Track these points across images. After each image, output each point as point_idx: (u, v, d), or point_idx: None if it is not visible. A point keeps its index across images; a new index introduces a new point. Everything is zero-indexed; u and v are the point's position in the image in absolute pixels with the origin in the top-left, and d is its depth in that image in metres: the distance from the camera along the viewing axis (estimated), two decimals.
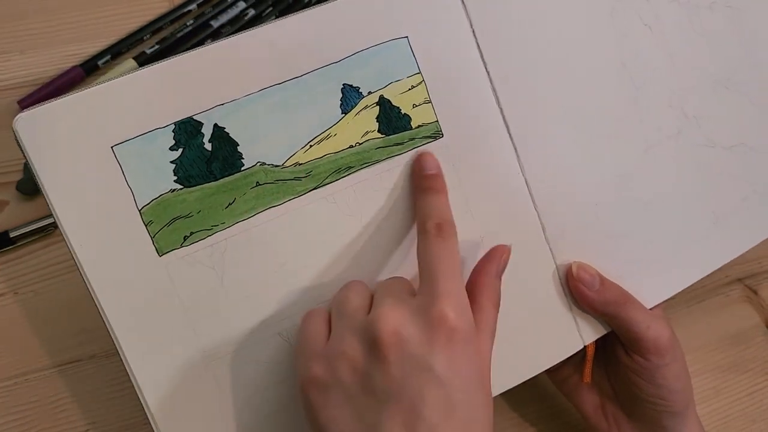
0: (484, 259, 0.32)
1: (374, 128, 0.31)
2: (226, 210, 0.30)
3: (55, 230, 0.43)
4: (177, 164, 0.29)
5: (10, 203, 0.43)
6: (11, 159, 0.44)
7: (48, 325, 0.40)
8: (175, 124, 0.29)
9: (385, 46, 0.31)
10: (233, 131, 0.30)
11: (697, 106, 0.37)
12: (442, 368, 0.25)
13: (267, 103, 0.30)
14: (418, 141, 0.32)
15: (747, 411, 0.44)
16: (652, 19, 0.36)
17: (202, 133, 0.29)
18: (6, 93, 0.47)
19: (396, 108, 0.32)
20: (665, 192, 0.37)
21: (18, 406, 0.38)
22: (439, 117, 0.32)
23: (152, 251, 0.29)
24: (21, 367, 0.39)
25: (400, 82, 0.32)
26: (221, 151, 0.30)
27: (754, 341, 0.46)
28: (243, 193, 0.30)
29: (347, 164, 0.31)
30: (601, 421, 0.38)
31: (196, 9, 0.51)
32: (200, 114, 0.29)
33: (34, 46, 0.48)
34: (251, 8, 0.52)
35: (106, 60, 0.48)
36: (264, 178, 0.30)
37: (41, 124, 0.27)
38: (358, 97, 0.31)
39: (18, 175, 0.44)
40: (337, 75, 0.31)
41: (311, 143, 0.31)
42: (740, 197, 0.39)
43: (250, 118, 0.30)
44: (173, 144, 0.29)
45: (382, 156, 0.31)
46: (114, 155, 0.28)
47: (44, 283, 0.41)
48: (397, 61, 0.31)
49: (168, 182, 0.29)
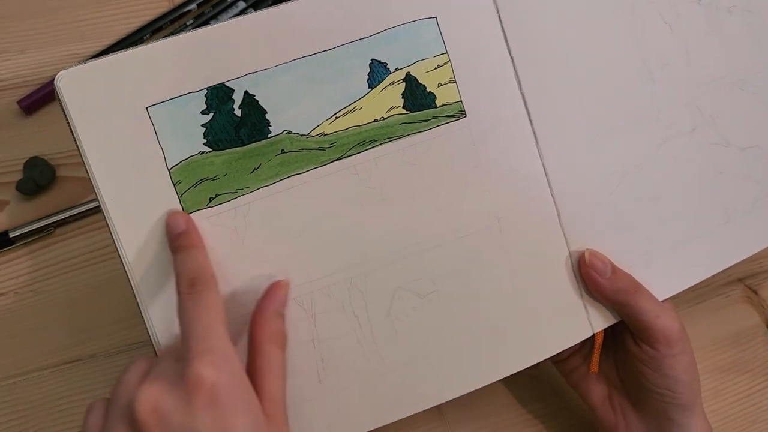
0: (262, 297, 0.31)
1: (399, 104, 0.32)
2: (251, 175, 0.31)
3: (54, 230, 0.43)
4: (207, 128, 0.30)
5: (10, 203, 0.43)
6: (11, 159, 0.44)
7: (48, 325, 0.40)
8: (208, 89, 0.30)
9: (414, 25, 0.32)
10: (263, 99, 0.31)
11: (713, 105, 0.38)
12: (210, 430, 0.24)
13: (296, 73, 0.31)
14: (441, 119, 0.33)
15: (747, 411, 0.44)
16: (672, 18, 0.37)
17: (233, 99, 0.30)
18: (6, 93, 0.46)
19: (422, 86, 0.32)
20: (678, 187, 0.37)
21: (17, 405, 0.38)
22: (463, 97, 0.33)
23: (178, 209, 0.30)
24: (20, 366, 0.39)
25: (426, 60, 0.32)
26: (250, 118, 0.31)
27: (755, 341, 0.46)
28: (268, 160, 0.31)
29: (371, 137, 0.32)
30: (608, 412, 0.38)
31: (195, 9, 0.51)
32: (232, 81, 0.30)
33: (35, 45, 0.48)
34: (251, 8, 0.52)
35: None
36: (289, 146, 0.31)
37: (82, 82, 0.29)
38: (386, 73, 0.32)
39: (18, 175, 0.44)
40: (366, 50, 0.31)
41: (337, 115, 0.31)
42: (752, 199, 0.39)
43: (280, 87, 0.31)
44: (205, 108, 0.30)
45: (405, 131, 0.32)
46: (148, 115, 0.29)
47: (44, 283, 0.41)
48: (425, 41, 0.32)
49: (198, 145, 0.30)
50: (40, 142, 0.45)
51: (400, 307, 0.33)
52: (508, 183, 0.34)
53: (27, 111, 0.46)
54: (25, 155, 0.44)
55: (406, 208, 0.32)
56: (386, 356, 0.33)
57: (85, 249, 0.42)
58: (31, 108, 0.46)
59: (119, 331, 0.40)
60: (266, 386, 0.28)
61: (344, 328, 0.32)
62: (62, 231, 0.43)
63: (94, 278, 0.42)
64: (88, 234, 0.43)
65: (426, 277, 0.33)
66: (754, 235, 0.39)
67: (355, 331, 0.32)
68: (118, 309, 0.41)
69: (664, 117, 0.37)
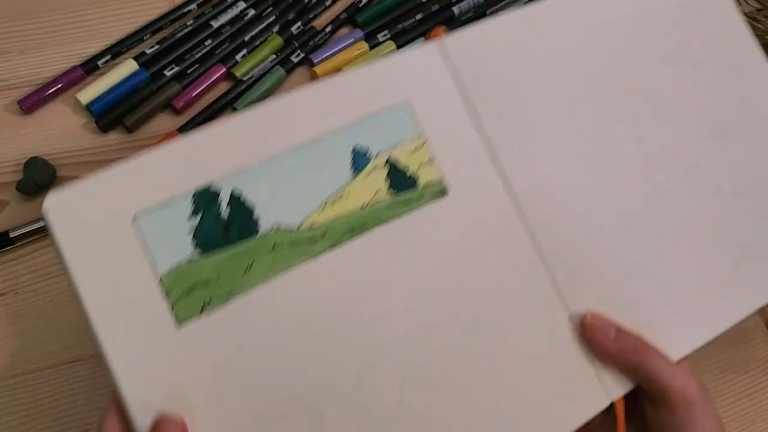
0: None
1: (384, 187, 0.32)
2: (245, 275, 0.30)
3: None
4: (195, 231, 0.30)
5: (11, 203, 0.43)
6: (11, 159, 0.44)
7: (48, 325, 0.40)
8: (194, 194, 0.30)
9: (389, 111, 0.33)
10: (249, 197, 0.30)
11: (699, 152, 0.37)
12: None
13: (281, 168, 0.31)
14: (426, 198, 0.33)
15: (747, 411, 0.44)
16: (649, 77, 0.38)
17: (220, 201, 0.30)
18: (6, 93, 0.47)
19: (403, 169, 0.33)
20: (677, 238, 0.36)
21: (18, 405, 0.38)
22: (444, 175, 0.33)
23: (171, 322, 0.29)
24: (21, 366, 0.39)
25: (405, 143, 0.33)
26: (238, 217, 0.30)
27: (755, 341, 0.46)
28: (261, 257, 0.30)
29: (361, 223, 0.31)
30: None
31: (196, 9, 0.51)
32: (218, 182, 0.30)
33: (35, 46, 0.48)
34: (251, 8, 0.52)
35: (106, 60, 0.48)
36: (281, 240, 0.30)
37: (68, 204, 0.29)
38: (368, 159, 0.32)
39: (18, 175, 0.44)
40: (347, 138, 0.32)
41: (325, 204, 0.31)
42: (760, 240, 0.37)
43: (265, 183, 0.30)
44: (192, 212, 0.30)
45: (392, 215, 0.32)
46: (134, 227, 0.29)
47: (44, 282, 0.41)
48: (401, 125, 0.33)
49: (187, 250, 0.29)
50: (40, 142, 0.45)
51: (412, 396, 0.31)
52: (497, 255, 0.33)
53: (27, 111, 0.46)
54: (25, 155, 0.44)
55: (404, 289, 0.32)
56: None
57: None
58: (31, 108, 0.46)
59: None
60: None
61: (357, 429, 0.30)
62: None
63: None
64: None
65: (433, 363, 0.31)
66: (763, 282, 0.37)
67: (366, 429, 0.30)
68: None
69: (651, 166, 0.36)
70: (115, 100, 0.47)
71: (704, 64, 0.39)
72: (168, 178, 0.30)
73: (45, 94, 0.46)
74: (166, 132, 0.47)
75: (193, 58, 0.49)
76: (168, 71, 0.48)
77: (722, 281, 0.36)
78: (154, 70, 0.48)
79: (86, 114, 0.47)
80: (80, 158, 0.45)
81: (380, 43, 0.53)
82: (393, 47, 0.52)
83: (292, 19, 0.52)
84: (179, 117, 0.48)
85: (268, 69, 0.50)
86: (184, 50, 0.49)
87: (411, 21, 0.54)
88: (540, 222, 0.34)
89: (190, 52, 0.49)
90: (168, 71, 0.48)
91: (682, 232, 0.36)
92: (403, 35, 0.53)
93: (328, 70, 0.51)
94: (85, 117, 0.47)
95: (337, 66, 0.51)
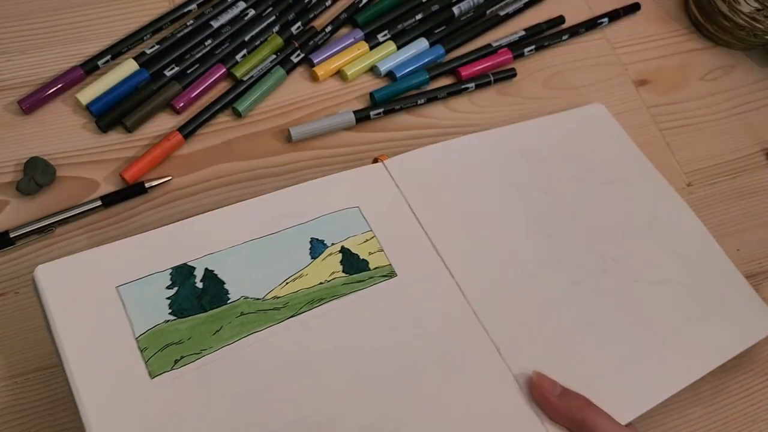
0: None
1: (339, 269, 0.38)
2: (214, 336, 0.34)
3: (55, 230, 0.43)
4: (172, 300, 0.34)
5: (10, 203, 0.43)
6: (12, 159, 0.44)
7: None
8: (172, 269, 0.35)
9: (342, 212, 0.39)
10: (221, 273, 0.35)
11: (614, 250, 0.43)
12: None
13: (249, 251, 0.36)
14: (376, 279, 0.38)
15: (746, 411, 0.44)
16: (550, 190, 0.45)
17: (194, 275, 0.35)
18: (6, 93, 0.47)
19: (355, 254, 0.38)
20: (605, 317, 0.41)
21: (19, 405, 0.38)
22: (392, 261, 0.39)
23: (145, 374, 0.32)
24: (22, 366, 0.39)
25: (356, 236, 0.39)
26: (211, 289, 0.35)
27: None
28: (229, 321, 0.34)
29: (319, 297, 0.36)
30: None
31: (196, 9, 0.51)
32: (194, 261, 0.35)
33: (35, 46, 0.48)
34: (251, 8, 0.52)
35: (106, 60, 0.48)
36: (247, 308, 0.35)
37: (57, 273, 0.33)
38: (324, 247, 0.38)
39: (18, 175, 0.44)
40: (305, 232, 0.38)
41: (287, 281, 0.36)
42: (683, 320, 0.42)
43: (236, 262, 0.36)
44: (170, 284, 0.35)
45: (347, 291, 0.37)
46: (118, 294, 0.33)
47: None
48: (352, 222, 0.39)
49: (163, 315, 0.34)
50: (40, 142, 0.45)
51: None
52: (443, 327, 0.37)
53: (27, 111, 0.46)
54: (25, 155, 0.44)
55: (358, 355, 0.35)
56: None
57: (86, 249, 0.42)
58: (31, 108, 0.46)
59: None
60: None
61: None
62: (63, 231, 0.43)
63: None
64: (88, 234, 0.43)
65: (387, 415, 0.34)
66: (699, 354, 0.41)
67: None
68: None
69: (569, 262, 0.42)
70: (115, 100, 0.47)
71: (617, 184, 0.47)
72: (149, 256, 0.35)
73: (45, 94, 0.46)
74: (166, 132, 0.47)
75: (193, 58, 0.49)
76: (168, 71, 0.48)
77: (649, 359, 0.40)
78: (154, 70, 0.48)
79: (86, 114, 0.47)
80: (80, 158, 0.45)
81: (380, 43, 0.53)
82: (393, 47, 0.53)
83: (292, 19, 0.52)
84: (179, 117, 0.48)
85: (268, 69, 0.50)
86: (184, 50, 0.49)
87: (411, 21, 0.54)
88: (479, 301, 0.39)
89: (190, 52, 0.49)
90: (168, 71, 0.48)
91: (606, 313, 0.41)
92: (403, 35, 0.53)
93: (328, 70, 0.51)
94: (85, 117, 0.47)
95: (337, 66, 0.51)
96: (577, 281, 0.41)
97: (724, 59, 0.59)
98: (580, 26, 0.57)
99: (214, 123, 0.48)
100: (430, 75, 0.52)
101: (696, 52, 0.59)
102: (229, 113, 0.49)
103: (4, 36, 0.48)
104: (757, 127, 0.56)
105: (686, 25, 0.60)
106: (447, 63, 0.53)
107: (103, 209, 0.44)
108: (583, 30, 0.57)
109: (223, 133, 0.48)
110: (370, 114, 0.49)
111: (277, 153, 0.48)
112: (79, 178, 0.44)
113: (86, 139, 0.46)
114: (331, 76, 0.52)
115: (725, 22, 0.56)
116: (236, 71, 0.49)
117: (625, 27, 0.58)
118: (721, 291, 0.44)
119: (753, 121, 0.56)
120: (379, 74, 0.52)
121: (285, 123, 0.49)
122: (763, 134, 0.56)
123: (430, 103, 0.51)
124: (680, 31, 0.60)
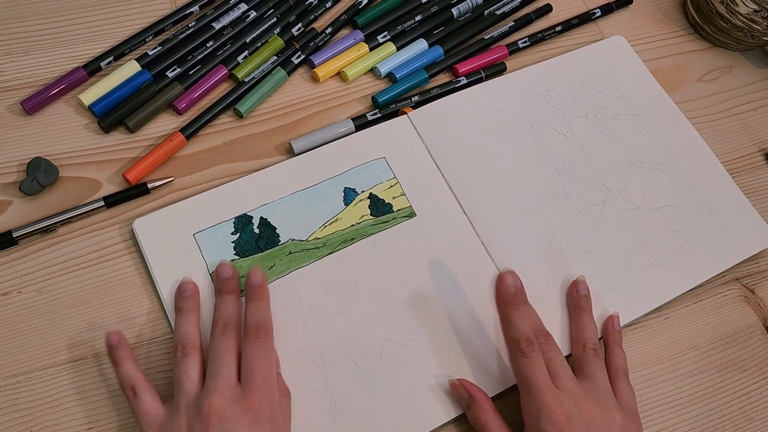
0: None
1: (368, 212, 0.46)
2: (269, 271, 0.43)
3: (57, 230, 0.43)
4: (236, 243, 0.43)
5: (14, 203, 0.44)
6: (15, 159, 0.45)
7: (51, 323, 0.40)
8: (235, 218, 0.44)
9: (371, 163, 0.47)
10: (273, 220, 0.44)
11: (617, 181, 0.49)
12: (246, 429, 0.34)
13: (294, 201, 0.45)
14: (399, 219, 0.46)
15: (744, 410, 0.45)
16: (565, 130, 0.51)
17: (252, 223, 0.44)
18: (10, 93, 0.47)
19: (381, 199, 0.46)
20: (602, 242, 0.47)
21: (20, 404, 0.38)
22: (412, 203, 0.46)
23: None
24: (24, 365, 0.39)
25: (382, 183, 0.47)
26: (265, 233, 0.44)
27: (752, 340, 0.47)
28: (280, 259, 0.43)
29: (351, 237, 0.45)
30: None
31: (197, 11, 0.52)
32: (251, 210, 0.44)
33: (38, 47, 0.49)
34: (252, 10, 0.52)
35: (108, 61, 0.48)
36: (294, 248, 0.44)
37: (149, 224, 0.43)
38: (355, 195, 0.46)
39: (21, 175, 0.44)
40: (340, 182, 0.46)
41: (325, 224, 0.45)
42: (677, 245, 0.47)
43: (284, 211, 0.45)
44: (233, 230, 0.44)
45: (375, 230, 0.45)
46: (194, 239, 0.43)
47: (47, 282, 0.41)
48: (379, 171, 0.47)
49: (229, 255, 0.43)
50: (43, 142, 0.45)
51: (388, 354, 0.41)
52: (456, 255, 0.45)
53: (30, 112, 0.46)
54: (28, 155, 0.45)
55: (383, 281, 0.43)
56: (384, 395, 0.40)
57: (89, 249, 0.43)
58: (34, 109, 0.46)
59: (122, 330, 0.40)
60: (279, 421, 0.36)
61: (349, 374, 0.41)
62: (65, 231, 0.43)
63: (98, 278, 0.42)
64: (91, 234, 0.43)
65: (404, 329, 0.42)
66: (685, 272, 0.47)
67: (357, 376, 0.41)
68: (120, 308, 0.41)
69: (574, 196, 0.48)
70: (118, 101, 0.47)
71: (622, 118, 0.52)
72: (218, 208, 0.44)
73: (48, 95, 0.46)
74: (169, 133, 0.47)
75: (194, 60, 0.49)
76: (170, 72, 0.48)
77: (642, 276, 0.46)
78: (156, 72, 0.48)
79: (89, 115, 0.47)
80: (83, 158, 0.45)
81: (380, 45, 0.53)
82: (392, 48, 0.53)
83: (293, 20, 0.53)
84: (181, 118, 0.48)
85: (269, 70, 0.50)
86: (185, 51, 0.49)
87: (410, 22, 0.54)
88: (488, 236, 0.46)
89: (192, 53, 0.50)
90: (170, 72, 0.48)
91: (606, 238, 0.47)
92: (403, 36, 0.54)
93: (329, 71, 0.51)
94: (87, 117, 0.47)
95: (338, 67, 0.51)
96: (578, 212, 0.48)
97: (721, 60, 0.59)
98: (573, 19, 0.57)
99: (215, 124, 0.48)
100: (429, 74, 0.52)
101: (694, 54, 0.59)
102: (230, 114, 0.49)
103: (8, 37, 0.49)
104: (754, 127, 0.56)
105: (684, 26, 0.60)
106: (445, 60, 0.53)
107: (105, 209, 0.44)
108: (576, 22, 0.57)
109: (225, 133, 0.48)
110: (368, 117, 0.50)
111: (278, 154, 0.48)
112: (81, 179, 0.45)
113: (89, 140, 0.46)
114: (332, 77, 0.52)
115: (723, 23, 0.57)
116: (238, 72, 0.50)
117: (623, 29, 0.59)
118: (724, 214, 0.49)
119: (751, 122, 0.56)
120: (379, 75, 0.52)
121: (286, 124, 0.49)
122: (760, 135, 0.56)
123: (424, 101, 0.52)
124: (678, 32, 0.60)
